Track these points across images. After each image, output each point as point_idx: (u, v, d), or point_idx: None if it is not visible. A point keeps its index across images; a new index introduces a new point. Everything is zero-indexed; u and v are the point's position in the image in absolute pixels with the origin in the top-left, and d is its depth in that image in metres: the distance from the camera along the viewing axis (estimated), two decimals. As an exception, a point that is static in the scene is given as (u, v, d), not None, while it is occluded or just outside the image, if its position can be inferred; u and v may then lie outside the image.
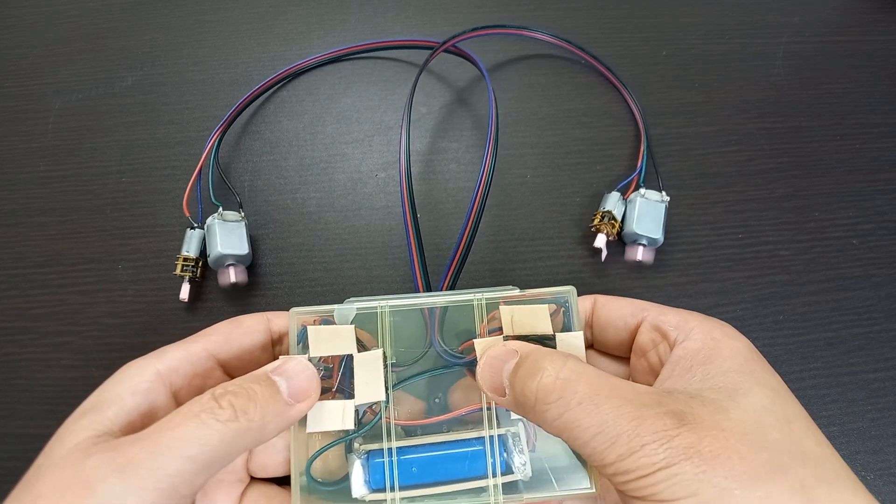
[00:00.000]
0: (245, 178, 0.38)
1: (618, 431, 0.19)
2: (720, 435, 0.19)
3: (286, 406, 0.22)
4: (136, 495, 0.19)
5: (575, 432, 0.20)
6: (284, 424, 0.22)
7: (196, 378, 0.24)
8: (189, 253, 0.34)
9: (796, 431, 0.20)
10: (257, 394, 0.21)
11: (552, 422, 0.20)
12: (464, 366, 0.26)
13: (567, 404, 0.20)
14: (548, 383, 0.21)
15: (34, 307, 0.35)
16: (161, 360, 0.23)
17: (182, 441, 0.19)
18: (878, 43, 0.43)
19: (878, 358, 0.34)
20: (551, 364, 0.21)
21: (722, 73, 0.42)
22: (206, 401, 0.21)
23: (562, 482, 0.24)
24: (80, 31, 0.43)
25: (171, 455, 0.19)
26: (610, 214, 0.35)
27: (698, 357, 0.22)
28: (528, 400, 0.21)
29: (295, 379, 0.23)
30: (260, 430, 0.21)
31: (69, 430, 0.21)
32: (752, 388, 0.21)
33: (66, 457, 0.20)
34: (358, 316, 0.26)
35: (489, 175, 0.29)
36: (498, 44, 0.42)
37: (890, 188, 0.38)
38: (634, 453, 0.19)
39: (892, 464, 0.32)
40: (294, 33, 0.43)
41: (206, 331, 0.25)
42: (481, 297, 0.26)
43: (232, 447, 0.20)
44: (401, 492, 0.24)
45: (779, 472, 0.18)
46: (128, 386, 0.22)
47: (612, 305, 0.27)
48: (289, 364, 0.23)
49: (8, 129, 0.40)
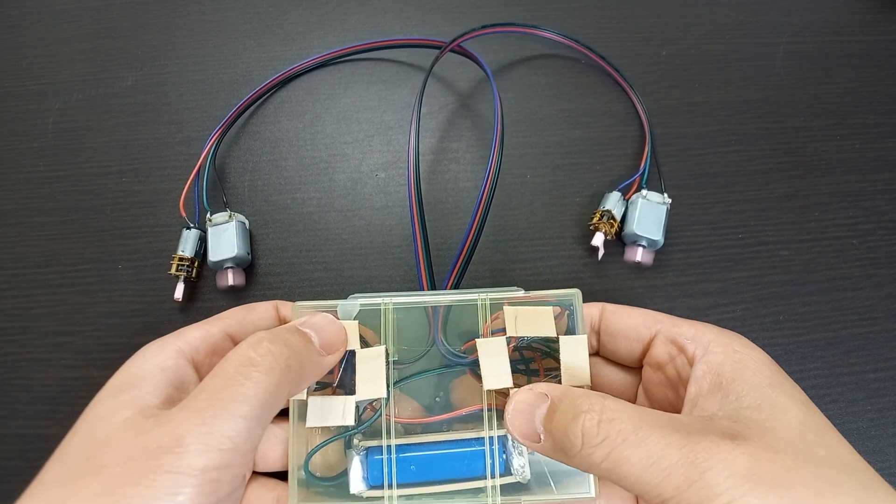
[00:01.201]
0: (245, 178, 0.38)
1: (670, 462, 0.18)
2: (776, 458, 0.18)
3: (319, 355, 0.23)
4: (200, 461, 0.19)
5: (625, 470, 0.19)
6: (318, 373, 0.23)
7: (215, 356, 0.25)
8: (185, 253, 0.34)
9: (832, 443, 0.20)
10: (292, 341, 0.22)
11: (599, 464, 0.19)
12: (466, 366, 0.26)
13: (613, 443, 0.19)
14: (590, 426, 0.20)
15: (34, 307, 0.35)
16: (181, 339, 0.24)
17: (232, 402, 0.20)
18: (878, 43, 0.43)
19: (878, 358, 0.34)
20: (590, 405, 0.20)
21: (722, 73, 0.42)
22: (244, 351, 0.21)
23: (561, 486, 0.24)
24: (80, 31, 0.43)
25: (227, 418, 0.20)
26: (609, 214, 0.35)
27: (725, 371, 0.22)
28: (574, 445, 0.20)
29: (324, 332, 0.24)
30: (299, 376, 0.22)
31: (108, 408, 0.21)
32: (787, 403, 0.21)
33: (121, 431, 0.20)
34: (361, 312, 0.26)
35: (495, 174, 0.29)
36: (498, 44, 0.42)
37: (890, 188, 0.38)
38: (694, 483, 0.18)
39: (892, 464, 0.32)
40: (294, 33, 0.43)
41: (221, 315, 0.26)
42: (486, 298, 0.26)
43: (277, 395, 0.21)
44: (399, 489, 0.24)
45: (837, 490, 0.18)
46: (156, 362, 0.23)
47: (622, 315, 0.26)
48: (316, 318, 0.24)
49: (8, 129, 0.40)
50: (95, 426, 0.21)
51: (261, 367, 0.20)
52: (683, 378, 0.24)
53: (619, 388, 0.28)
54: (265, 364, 0.21)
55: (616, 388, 0.28)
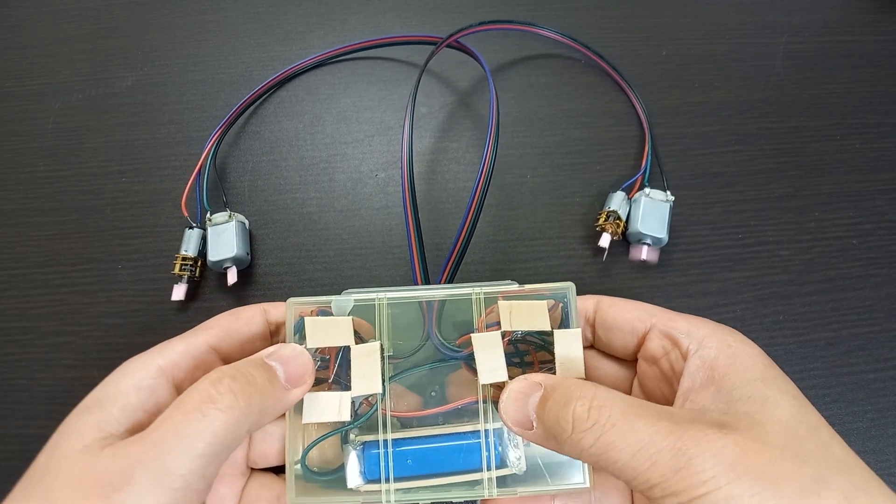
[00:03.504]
0: (245, 178, 0.38)
1: (658, 448, 0.19)
2: (763, 449, 0.19)
3: (284, 391, 0.22)
4: (148, 499, 0.19)
5: (613, 455, 0.19)
6: (282, 409, 0.23)
7: (198, 371, 0.24)
8: (188, 252, 0.34)
9: (824, 439, 0.20)
10: (255, 377, 0.22)
11: (588, 449, 0.20)
12: (461, 359, 0.26)
13: (602, 428, 0.20)
14: (581, 412, 0.20)
15: (34, 307, 0.35)
16: (162, 356, 0.24)
17: (188, 437, 0.19)
18: (878, 43, 0.43)
19: (878, 358, 0.34)
20: (582, 393, 0.21)
21: (722, 73, 0.42)
22: (205, 388, 0.21)
23: (555, 476, 0.24)
24: (80, 31, 0.43)
25: (180, 454, 0.19)
26: (615, 214, 0.35)
27: (718, 366, 0.22)
28: (563, 431, 0.20)
29: (290, 364, 0.23)
30: (260, 413, 0.21)
31: (74, 428, 0.21)
32: (778, 397, 0.21)
33: (76, 458, 0.20)
34: (356, 308, 0.26)
35: (490, 165, 0.29)
36: (498, 43, 0.42)
37: (890, 188, 0.38)
38: (681, 470, 0.18)
39: (892, 464, 0.32)
40: (294, 33, 0.43)
41: (207, 323, 0.26)
42: (480, 292, 0.26)
43: (236, 433, 0.20)
44: (395, 483, 0.24)
45: (823, 487, 0.18)
46: (131, 382, 0.22)
47: (618, 308, 0.26)
48: (284, 350, 0.24)
49: (8, 129, 0.40)
50: (57, 448, 0.20)
51: (220, 404, 0.20)
52: (677, 372, 0.24)
53: (614, 381, 0.28)
54: (225, 402, 0.20)
55: (611, 382, 0.28)
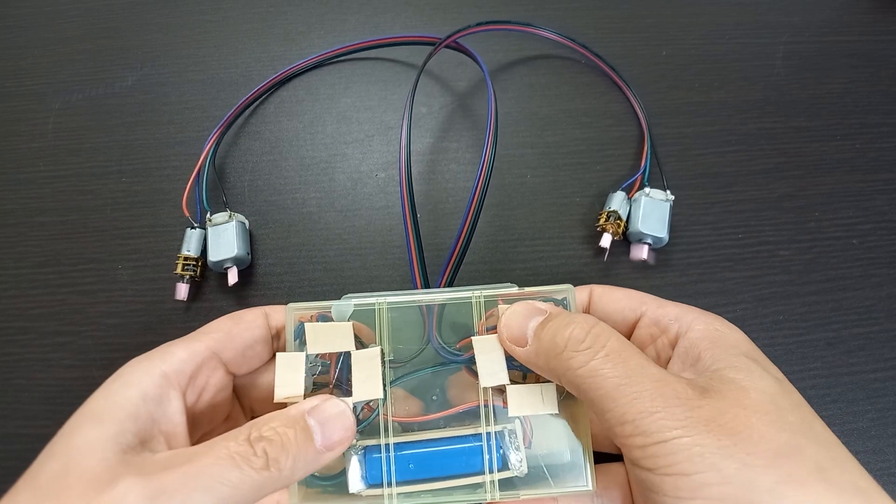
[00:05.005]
0: (245, 178, 0.38)
1: (642, 387, 0.19)
2: (741, 413, 0.19)
3: (317, 454, 0.22)
4: None
5: (598, 382, 0.20)
6: (312, 470, 0.22)
7: (200, 377, 0.24)
8: (189, 252, 0.34)
9: (805, 415, 0.20)
10: (291, 441, 0.21)
11: (576, 369, 0.21)
12: (462, 363, 0.26)
13: (594, 353, 0.21)
14: (579, 333, 0.21)
15: (34, 307, 0.35)
16: (166, 361, 0.23)
17: (217, 480, 0.19)
18: (878, 43, 0.43)
19: (878, 358, 0.34)
20: (584, 319, 0.22)
21: (722, 73, 0.42)
22: (242, 442, 0.20)
23: (558, 479, 0.24)
24: (80, 31, 0.43)
25: (205, 493, 0.19)
26: (616, 214, 0.35)
27: (705, 346, 0.23)
28: (557, 347, 0.21)
29: (329, 426, 0.22)
30: (289, 478, 0.21)
31: (87, 440, 0.20)
32: (763, 373, 0.21)
33: (94, 471, 0.19)
34: (356, 312, 0.26)
35: (490, 165, 0.29)
36: (498, 44, 0.42)
37: (890, 188, 0.38)
38: (656, 413, 0.19)
39: (892, 464, 0.32)
40: (294, 33, 0.43)
41: (208, 327, 0.25)
42: (479, 295, 0.26)
43: (259, 493, 0.20)
44: (398, 487, 0.24)
45: (797, 453, 0.19)
46: (138, 391, 0.22)
47: (610, 297, 0.27)
48: (327, 408, 0.23)
49: (8, 129, 0.40)
50: (72, 458, 0.20)
51: (255, 464, 0.20)
52: (663, 359, 0.25)
53: None
54: (258, 463, 0.20)
55: None
